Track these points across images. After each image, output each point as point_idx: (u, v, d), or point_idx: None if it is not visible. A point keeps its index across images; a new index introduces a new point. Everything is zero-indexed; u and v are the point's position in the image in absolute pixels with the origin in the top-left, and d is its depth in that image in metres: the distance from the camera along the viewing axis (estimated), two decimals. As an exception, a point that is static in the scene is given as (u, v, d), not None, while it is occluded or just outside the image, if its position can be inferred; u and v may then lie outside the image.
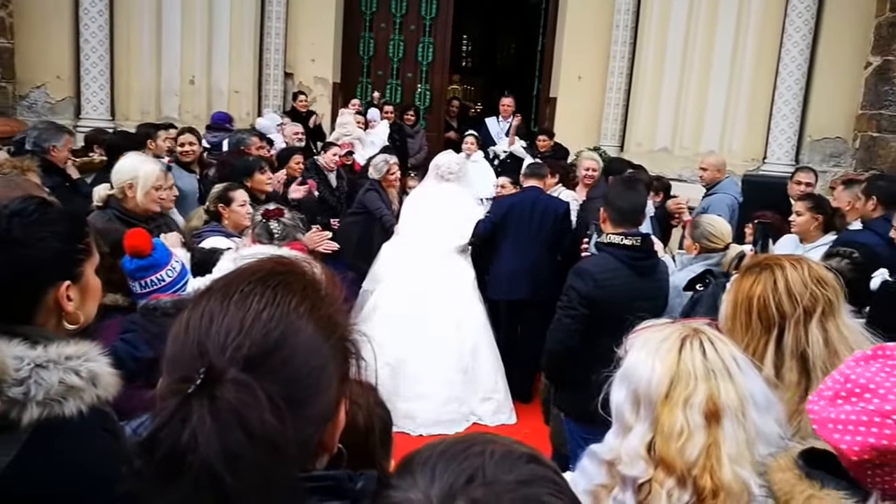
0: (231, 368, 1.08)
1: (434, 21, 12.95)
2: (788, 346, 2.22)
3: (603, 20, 11.40)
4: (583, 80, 11.69)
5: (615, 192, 4.53)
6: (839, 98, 10.18)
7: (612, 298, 4.14)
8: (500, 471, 1.00)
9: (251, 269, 1.24)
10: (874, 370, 1.37)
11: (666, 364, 1.91)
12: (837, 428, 1.35)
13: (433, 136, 12.85)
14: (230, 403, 1.05)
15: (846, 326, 2.28)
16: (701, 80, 10.76)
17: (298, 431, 1.11)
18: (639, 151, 10.93)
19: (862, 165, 9.60)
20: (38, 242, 1.91)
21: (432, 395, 6.38)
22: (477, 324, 6.82)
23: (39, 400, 1.69)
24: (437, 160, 7.48)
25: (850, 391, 1.36)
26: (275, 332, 1.13)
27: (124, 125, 9.97)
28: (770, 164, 10.31)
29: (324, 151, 8.51)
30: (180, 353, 1.14)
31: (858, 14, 9.95)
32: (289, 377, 1.12)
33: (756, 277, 2.32)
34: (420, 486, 1.00)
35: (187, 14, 11.13)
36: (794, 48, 10.14)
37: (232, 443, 1.03)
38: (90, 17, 10.66)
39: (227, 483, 1.02)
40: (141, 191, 4.64)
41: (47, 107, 10.89)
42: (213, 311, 1.15)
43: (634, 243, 4.26)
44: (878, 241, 4.91)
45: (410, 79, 13.18)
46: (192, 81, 11.33)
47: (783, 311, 2.24)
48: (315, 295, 1.22)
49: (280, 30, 11.64)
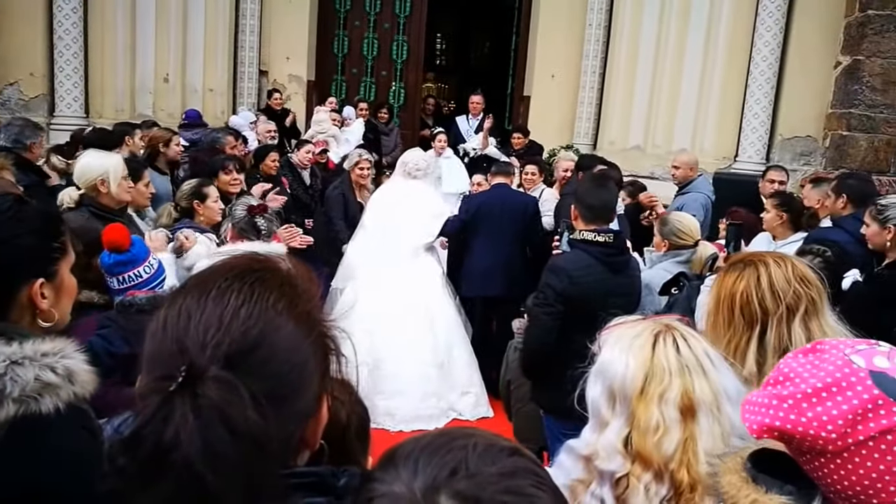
0: (212, 366, 1.08)
1: (408, 19, 12.95)
2: (771, 343, 2.22)
3: (576, 19, 11.47)
4: (556, 78, 11.74)
5: (585, 189, 4.52)
6: (809, 97, 10.30)
7: (586, 294, 4.16)
8: (483, 463, 1.00)
9: (227, 265, 1.24)
10: (802, 361, 1.37)
11: (640, 360, 1.93)
12: (746, 408, 1.37)
13: (408, 134, 12.86)
14: (213, 401, 1.04)
15: (829, 326, 2.28)
16: (673, 80, 10.85)
17: (281, 428, 1.11)
18: (612, 150, 10.98)
19: (832, 164, 9.70)
20: (12, 239, 1.90)
21: (410, 391, 6.45)
22: (449, 319, 6.90)
23: (15, 397, 1.66)
24: (405, 157, 7.43)
25: (775, 379, 1.37)
26: (254, 330, 1.13)
27: (98, 123, 9.86)
28: (741, 163, 10.41)
29: (297, 149, 8.50)
30: (159, 350, 1.13)
31: (828, 14, 10.07)
32: (270, 374, 1.12)
33: (740, 274, 2.32)
34: (403, 478, 1.01)
35: (161, 12, 11.08)
36: (764, 47, 10.25)
37: (215, 441, 1.03)
38: (64, 15, 10.61)
39: (209, 481, 1.02)
40: (114, 183, 4.58)
41: (21, 104, 10.81)
42: (190, 308, 1.15)
43: (607, 240, 4.28)
44: (848, 238, 4.92)
45: (385, 77, 13.18)
46: (166, 79, 11.29)
47: (766, 307, 2.25)
48: (293, 291, 1.22)
49: (255, 27, 11.61)
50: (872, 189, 5.93)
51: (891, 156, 9.42)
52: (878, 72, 9.39)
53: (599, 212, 4.35)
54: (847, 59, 9.69)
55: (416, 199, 7.15)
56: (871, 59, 9.38)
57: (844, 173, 7.07)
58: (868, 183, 6.08)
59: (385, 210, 7.14)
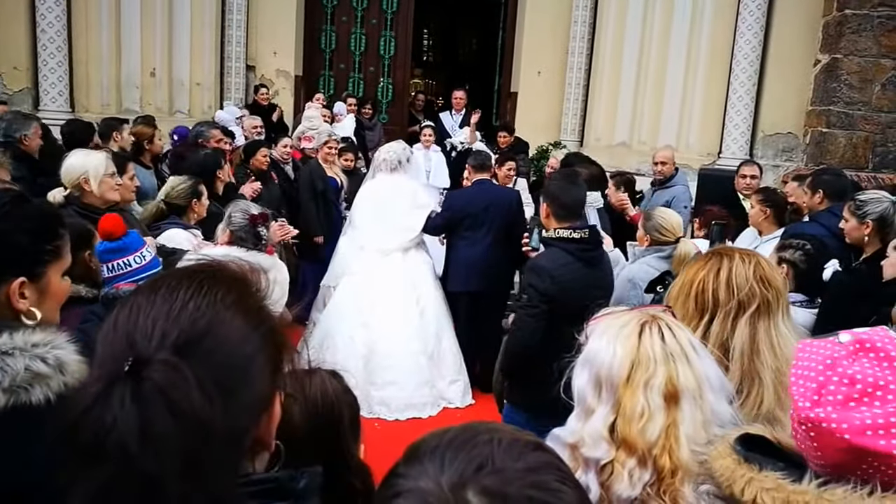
0: (160, 353, 1.08)
1: (395, 15, 12.95)
2: (714, 333, 2.25)
3: (561, 16, 11.54)
4: (542, 75, 11.81)
5: (557, 187, 4.53)
6: (790, 94, 10.41)
7: (568, 292, 4.20)
8: (509, 458, 1.01)
9: (179, 269, 1.27)
10: (870, 367, 1.37)
11: (626, 348, 1.96)
12: (879, 433, 1.32)
13: (396, 130, 12.87)
14: (155, 383, 1.04)
15: (777, 329, 2.28)
16: (658, 77, 10.95)
17: (231, 419, 1.10)
18: (598, 146, 11.08)
19: (812, 160, 9.81)
20: (2, 235, 1.90)
21: (403, 381, 6.62)
22: (437, 310, 7.03)
23: (5, 387, 1.67)
24: (381, 154, 7.41)
25: (862, 392, 1.35)
26: (201, 321, 1.13)
27: (85, 117, 9.78)
28: (725, 159, 10.49)
29: (274, 145, 8.50)
30: (109, 349, 1.13)
31: (807, 13, 10.19)
32: (217, 364, 1.12)
33: (705, 263, 2.36)
34: (430, 473, 1.01)
35: (147, 5, 11.04)
36: (746, 45, 10.35)
37: (153, 422, 1.02)
38: (47, 7, 10.52)
39: (145, 463, 1.00)
40: (94, 181, 4.57)
41: (4, 97, 10.65)
42: (140, 304, 1.15)
43: (583, 236, 4.32)
44: (824, 232, 5.00)
45: (373, 73, 13.18)
46: (153, 74, 11.25)
47: (718, 299, 2.29)
48: (243, 288, 1.23)
49: (241, 22, 11.57)
50: (847, 184, 6.05)
51: (868, 152, 9.56)
52: (855, 70, 9.51)
53: (572, 209, 4.40)
54: (826, 58, 9.81)
55: (400, 193, 7.21)
56: (848, 57, 9.51)
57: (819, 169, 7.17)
58: (842, 178, 6.16)
59: (372, 206, 7.21)
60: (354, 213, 7.38)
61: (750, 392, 2.12)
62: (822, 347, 1.49)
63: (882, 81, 9.43)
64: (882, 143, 9.53)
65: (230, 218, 4.54)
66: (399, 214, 7.12)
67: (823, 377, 1.43)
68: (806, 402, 1.43)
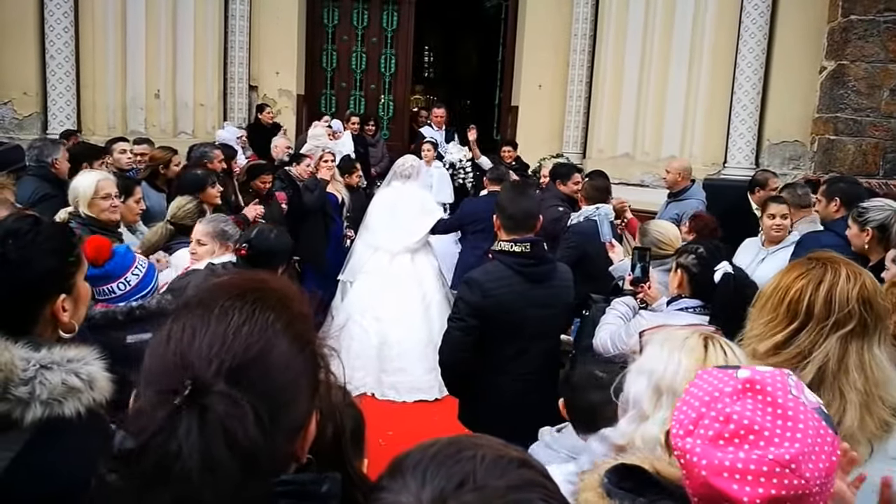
0: (217, 381, 1.10)
1: (395, 33, 13.00)
2: (798, 343, 2.17)
3: (561, 29, 11.56)
4: (543, 88, 11.82)
5: (506, 198, 4.40)
6: (796, 102, 10.34)
7: (502, 307, 4.09)
8: (491, 476, 1.00)
9: (227, 284, 1.28)
10: (752, 408, 1.36)
11: (692, 359, 2.02)
12: (734, 477, 1.32)
13: (397, 146, 12.89)
14: (218, 416, 1.06)
15: (871, 352, 2.18)
16: (659, 87, 10.89)
17: (274, 443, 1.13)
18: (601, 158, 11.05)
19: (821, 168, 9.76)
20: (33, 262, 1.96)
21: (411, 367, 7.39)
22: (442, 306, 7.67)
23: (43, 399, 1.74)
24: (397, 163, 8.30)
25: (734, 433, 1.35)
26: (255, 347, 1.15)
27: (91, 140, 9.88)
28: (731, 168, 10.47)
29: (296, 163, 8.63)
30: (161, 365, 1.15)
31: (810, 20, 10.13)
32: (266, 390, 1.14)
33: (807, 271, 2.25)
34: (411, 489, 1.01)
35: (151, 28, 11.11)
36: (749, 53, 10.32)
37: (214, 455, 1.05)
38: (55, 34, 10.65)
39: (203, 495, 1.04)
40: (84, 205, 4.71)
41: (14, 123, 10.82)
42: (194, 325, 1.17)
43: (524, 249, 4.16)
44: (838, 241, 4.91)
45: (374, 90, 13.22)
46: (157, 95, 11.30)
47: (812, 311, 2.19)
48: (288, 311, 1.25)
49: (244, 43, 11.67)
50: (861, 191, 5.94)
51: (879, 159, 9.49)
52: (862, 76, 9.47)
53: (520, 221, 4.23)
54: (832, 64, 9.77)
55: (410, 200, 8.02)
56: (855, 63, 9.47)
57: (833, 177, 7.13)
58: (857, 185, 6.11)
59: (385, 210, 8.03)
60: (370, 217, 8.16)
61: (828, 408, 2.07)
62: (715, 378, 1.47)
63: (891, 87, 9.35)
64: (892, 149, 9.45)
65: (224, 233, 4.52)
66: (408, 219, 7.91)
67: (705, 408, 1.42)
68: (680, 429, 1.44)
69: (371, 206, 8.26)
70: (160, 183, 7.21)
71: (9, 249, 1.93)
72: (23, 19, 10.62)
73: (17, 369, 1.76)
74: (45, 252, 2.00)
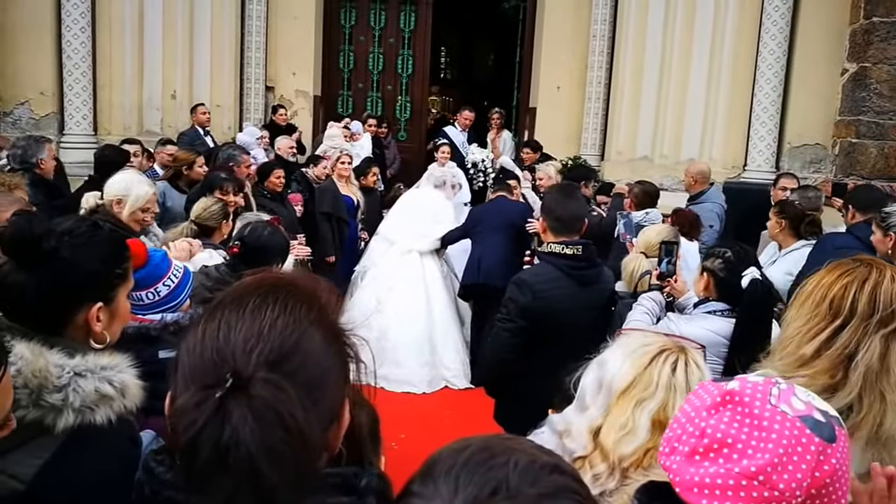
0: (259, 370, 1.12)
1: (413, 34, 12.96)
2: (841, 341, 2.11)
3: (580, 30, 11.49)
4: (562, 89, 11.76)
5: (553, 200, 4.37)
6: (817, 105, 10.27)
7: (552, 309, 4.05)
8: (524, 483, 0.99)
9: (257, 282, 1.29)
10: (727, 421, 1.33)
11: (635, 366, 2.10)
12: (704, 493, 1.30)
13: (414, 147, 12.96)
14: (267, 400, 1.09)
15: None
16: (679, 89, 10.85)
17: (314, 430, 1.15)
18: (619, 160, 11.01)
19: (842, 171, 9.69)
20: (81, 263, 1.97)
21: (406, 362, 7.65)
22: (445, 310, 8.04)
23: (76, 407, 1.75)
24: (434, 169, 8.94)
25: (707, 447, 1.33)
26: (290, 339, 1.17)
27: (107, 140, 9.96)
28: (751, 171, 10.41)
29: (313, 165, 8.63)
30: (199, 362, 1.17)
31: (832, 22, 10.07)
32: (303, 381, 1.15)
33: (851, 270, 2.20)
34: (443, 495, 1.00)
35: (168, 29, 11.15)
36: (770, 56, 10.25)
37: (273, 438, 1.07)
38: (73, 34, 10.70)
39: (268, 477, 1.06)
40: (128, 209, 4.82)
41: (31, 123, 10.88)
42: (229, 321, 1.19)
43: (575, 252, 4.12)
44: (856, 244, 4.93)
45: (391, 91, 13.18)
46: (173, 96, 11.34)
47: (855, 308, 2.13)
48: (319, 304, 1.27)
49: (260, 44, 11.66)
50: (877, 195, 5.96)
51: (902, 161, 9.41)
52: (885, 78, 9.38)
53: (567, 223, 4.21)
54: (853, 66, 9.68)
55: (430, 206, 8.44)
56: (877, 65, 9.38)
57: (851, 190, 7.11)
58: (872, 190, 6.17)
59: (404, 210, 8.48)
60: (394, 210, 8.62)
61: (870, 410, 2.02)
62: (703, 391, 1.45)
63: (913, 90, 9.27)
64: (916, 152, 9.37)
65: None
66: (422, 222, 8.25)
67: (687, 424, 1.40)
68: (666, 447, 1.42)
69: (399, 199, 8.77)
70: (182, 184, 7.22)
71: (63, 245, 1.94)
72: (40, 20, 10.69)
73: (52, 376, 1.76)
74: (96, 257, 2.01)
